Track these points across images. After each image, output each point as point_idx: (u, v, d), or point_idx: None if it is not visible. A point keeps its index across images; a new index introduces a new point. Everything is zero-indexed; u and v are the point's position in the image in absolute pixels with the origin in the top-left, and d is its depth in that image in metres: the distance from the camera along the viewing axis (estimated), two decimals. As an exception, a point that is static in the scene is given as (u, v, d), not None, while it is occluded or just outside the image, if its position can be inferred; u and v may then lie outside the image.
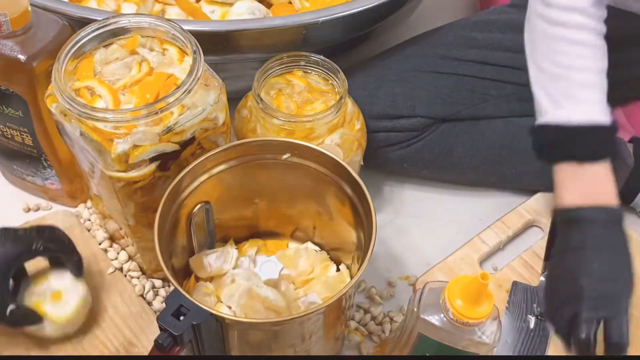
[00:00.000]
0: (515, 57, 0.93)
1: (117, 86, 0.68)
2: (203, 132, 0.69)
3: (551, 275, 0.71)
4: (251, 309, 0.72)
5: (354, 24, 0.87)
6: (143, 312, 0.80)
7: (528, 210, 0.91)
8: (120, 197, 0.69)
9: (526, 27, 0.78)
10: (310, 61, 0.81)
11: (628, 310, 0.65)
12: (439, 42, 0.95)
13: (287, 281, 0.79)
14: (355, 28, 0.88)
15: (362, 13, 0.85)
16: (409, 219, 0.64)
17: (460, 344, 0.63)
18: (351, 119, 0.81)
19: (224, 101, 0.70)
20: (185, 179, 0.69)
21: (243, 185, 0.76)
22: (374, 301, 0.84)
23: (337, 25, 0.85)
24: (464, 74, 0.92)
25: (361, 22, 0.88)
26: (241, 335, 0.65)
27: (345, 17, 0.84)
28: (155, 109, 0.63)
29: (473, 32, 0.95)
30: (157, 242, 0.64)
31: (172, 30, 0.69)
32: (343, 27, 0.86)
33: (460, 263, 0.86)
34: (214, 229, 0.77)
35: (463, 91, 0.92)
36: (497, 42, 0.94)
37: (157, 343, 0.58)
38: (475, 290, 0.58)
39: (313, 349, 0.69)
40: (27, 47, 0.73)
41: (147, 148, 0.65)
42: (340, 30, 0.87)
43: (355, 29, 0.89)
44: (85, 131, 0.65)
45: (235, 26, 0.84)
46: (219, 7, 0.94)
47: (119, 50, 0.70)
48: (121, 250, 0.86)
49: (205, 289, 0.75)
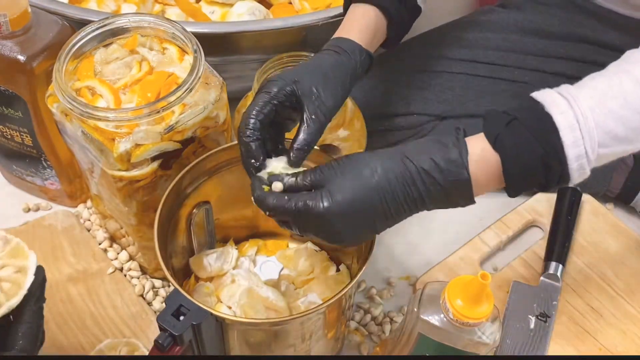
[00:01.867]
0: (507, 55, 0.94)
1: (117, 85, 0.68)
2: (204, 131, 0.69)
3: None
4: (251, 309, 0.72)
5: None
6: (143, 312, 0.80)
7: (528, 210, 0.92)
8: (122, 196, 0.69)
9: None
10: (309, 61, 0.81)
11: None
12: (430, 43, 0.97)
13: (287, 281, 0.79)
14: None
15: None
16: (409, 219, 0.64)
17: (460, 344, 0.63)
18: (351, 118, 0.81)
19: (224, 99, 0.70)
20: (186, 179, 0.69)
21: (243, 185, 0.75)
22: (374, 301, 0.84)
23: (336, 26, 0.85)
24: (457, 71, 0.94)
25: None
26: (241, 335, 0.65)
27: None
28: (156, 108, 0.63)
29: (464, 33, 0.97)
30: (157, 242, 0.64)
31: (172, 29, 0.69)
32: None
33: (460, 263, 0.86)
34: (214, 229, 0.77)
35: (457, 88, 0.93)
36: (487, 41, 0.95)
37: (157, 343, 0.58)
38: (475, 291, 0.58)
39: (313, 349, 0.69)
40: (27, 47, 0.73)
41: (149, 147, 0.65)
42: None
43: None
44: (86, 131, 0.65)
45: (235, 28, 0.84)
46: (219, 8, 0.94)
47: (119, 49, 0.70)
48: (121, 250, 0.86)
49: (205, 289, 0.75)
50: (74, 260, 0.84)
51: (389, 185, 0.57)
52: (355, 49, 0.68)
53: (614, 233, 0.90)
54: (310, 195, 0.58)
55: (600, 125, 0.57)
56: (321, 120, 0.62)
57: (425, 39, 0.98)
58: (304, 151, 0.61)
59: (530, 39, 0.95)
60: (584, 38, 0.94)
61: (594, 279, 0.85)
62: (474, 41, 0.95)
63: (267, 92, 0.62)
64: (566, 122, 0.57)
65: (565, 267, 0.84)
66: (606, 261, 0.87)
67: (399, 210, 0.59)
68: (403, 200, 0.58)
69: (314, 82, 0.63)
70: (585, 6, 0.95)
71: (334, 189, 0.57)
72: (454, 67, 0.94)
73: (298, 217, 0.58)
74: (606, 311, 0.82)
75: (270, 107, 0.61)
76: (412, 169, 0.57)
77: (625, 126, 0.57)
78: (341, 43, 0.68)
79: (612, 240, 0.89)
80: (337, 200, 0.57)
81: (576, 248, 0.88)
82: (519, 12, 0.98)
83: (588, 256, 0.87)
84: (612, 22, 0.93)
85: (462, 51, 0.95)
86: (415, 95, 0.92)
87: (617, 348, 0.79)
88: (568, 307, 0.82)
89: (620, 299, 0.83)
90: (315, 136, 0.62)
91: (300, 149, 0.61)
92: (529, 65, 0.94)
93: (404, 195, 0.58)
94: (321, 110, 0.62)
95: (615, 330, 0.81)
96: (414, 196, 0.58)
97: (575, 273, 0.85)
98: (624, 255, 0.88)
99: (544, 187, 0.60)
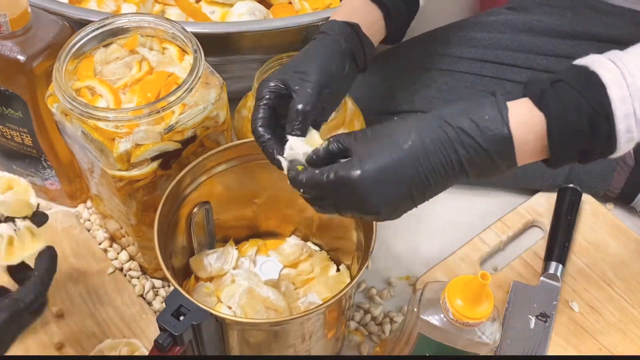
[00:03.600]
0: (515, 55, 0.94)
1: (117, 85, 0.68)
2: (204, 131, 0.69)
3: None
4: (251, 309, 0.72)
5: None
6: (143, 312, 0.80)
7: (528, 210, 0.92)
8: (122, 196, 0.69)
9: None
10: (310, 61, 0.81)
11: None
12: (438, 41, 0.96)
13: (287, 281, 0.79)
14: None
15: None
16: (409, 219, 0.64)
17: (460, 344, 0.63)
18: (351, 118, 0.81)
19: (224, 99, 0.70)
20: (186, 179, 0.69)
21: (243, 185, 0.76)
22: (374, 301, 0.84)
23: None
24: (464, 71, 0.93)
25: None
26: (241, 335, 0.65)
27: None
28: (156, 108, 0.63)
29: (471, 33, 0.96)
30: (157, 242, 0.64)
31: (172, 29, 0.69)
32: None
33: (460, 263, 0.86)
34: (214, 229, 0.77)
35: (463, 87, 0.93)
36: (495, 41, 0.94)
37: (157, 343, 0.58)
38: (475, 290, 0.58)
39: (313, 349, 0.69)
40: (27, 47, 0.73)
41: (149, 147, 0.65)
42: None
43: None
44: (86, 131, 0.65)
45: (235, 28, 0.84)
46: (219, 8, 0.94)
47: (119, 49, 0.70)
48: (121, 250, 0.86)
49: (205, 289, 0.75)
50: (74, 260, 0.84)
51: (424, 150, 0.54)
52: (335, 25, 0.68)
53: (614, 233, 0.90)
54: (341, 164, 0.55)
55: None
56: (306, 90, 0.62)
57: (431, 37, 0.98)
58: (299, 121, 0.60)
59: (541, 39, 0.94)
60: (596, 36, 0.93)
61: (594, 279, 0.85)
62: (482, 40, 0.95)
63: (258, 98, 0.63)
64: (613, 79, 0.54)
65: (565, 267, 0.84)
66: (606, 261, 0.87)
67: (437, 177, 0.55)
68: (440, 165, 0.54)
69: (294, 67, 0.64)
70: (596, 6, 0.95)
71: (364, 156, 0.54)
72: (460, 66, 0.93)
73: (331, 190, 0.55)
74: (606, 311, 0.82)
75: (265, 110, 0.62)
76: (449, 130, 0.54)
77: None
78: (322, 28, 0.69)
79: (612, 240, 0.89)
80: (368, 168, 0.54)
81: (576, 248, 0.88)
82: (527, 14, 0.97)
83: (588, 256, 0.87)
84: (624, 18, 0.93)
85: (470, 50, 0.94)
86: (421, 93, 0.92)
87: (617, 348, 0.79)
88: (568, 307, 0.82)
89: (620, 299, 0.83)
90: (305, 102, 0.61)
91: (294, 119, 0.61)
92: (539, 66, 0.94)
93: (441, 160, 0.54)
94: (305, 82, 0.62)
95: (615, 330, 0.81)
96: (452, 160, 0.54)
97: (575, 273, 0.85)
98: (624, 255, 0.88)
99: (588, 155, 0.57)
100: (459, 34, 0.96)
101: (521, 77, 0.93)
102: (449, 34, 0.97)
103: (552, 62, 0.94)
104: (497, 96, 0.56)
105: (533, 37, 0.95)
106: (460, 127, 0.54)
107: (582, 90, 0.55)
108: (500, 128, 0.54)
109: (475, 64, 0.93)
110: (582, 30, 0.94)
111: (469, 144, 0.54)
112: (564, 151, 0.56)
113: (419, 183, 0.55)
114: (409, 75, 0.93)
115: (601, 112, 0.54)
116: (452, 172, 0.55)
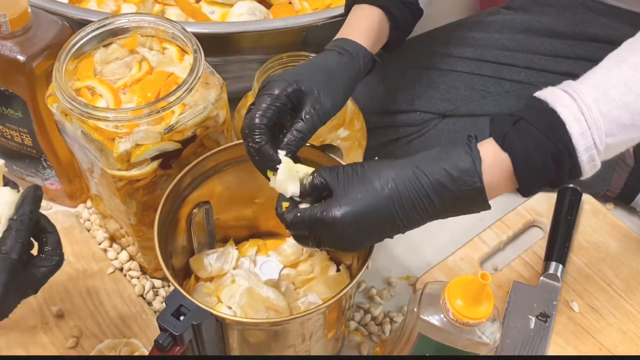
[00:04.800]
0: (513, 55, 0.94)
1: (117, 85, 0.68)
2: (204, 130, 0.69)
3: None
4: (251, 309, 0.72)
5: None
6: (143, 312, 0.80)
7: (528, 210, 0.92)
8: (122, 196, 0.69)
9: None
10: (310, 61, 0.80)
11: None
12: (437, 41, 0.96)
13: (287, 281, 0.79)
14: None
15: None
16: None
17: (460, 344, 0.63)
18: (351, 118, 0.81)
19: (224, 99, 0.70)
20: (186, 179, 0.69)
21: (243, 185, 0.76)
22: (374, 301, 0.84)
23: (336, 27, 0.85)
24: (462, 70, 0.94)
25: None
26: (241, 335, 0.65)
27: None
28: (156, 108, 0.63)
29: (470, 33, 0.96)
30: (157, 242, 0.64)
31: (172, 29, 0.69)
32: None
33: (460, 263, 0.86)
34: (214, 229, 0.77)
35: (461, 87, 0.93)
36: (494, 41, 0.95)
37: (157, 343, 0.58)
38: (475, 291, 0.58)
39: (313, 349, 0.69)
40: (27, 47, 0.73)
41: (149, 147, 0.65)
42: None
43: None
44: (86, 131, 0.65)
45: (235, 28, 0.84)
46: (219, 8, 0.94)
47: (119, 49, 0.70)
48: (121, 250, 0.86)
49: (205, 289, 0.75)
50: (74, 260, 0.84)
51: (400, 198, 0.57)
52: (360, 51, 0.68)
53: (614, 233, 0.90)
54: (322, 206, 0.57)
55: (605, 115, 0.57)
56: (315, 121, 0.62)
57: (431, 38, 0.98)
58: (292, 147, 0.61)
59: (538, 39, 0.95)
60: (593, 37, 0.94)
61: (594, 279, 0.85)
62: (480, 40, 0.95)
63: (269, 95, 0.61)
64: (571, 114, 0.56)
65: (565, 267, 0.84)
66: (606, 261, 0.87)
67: (410, 221, 0.58)
68: (415, 211, 0.57)
69: (315, 83, 0.63)
70: (593, 6, 0.95)
71: (342, 199, 0.57)
72: (459, 66, 0.94)
73: (312, 229, 0.58)
74: (606, 311, 0.82)
75: (274, 110, 0.60)
76: (424, 180, 0.57)
77: (631, 112, 0.57)
78: (345, 44, 0.68)
79: (612, 240, 0.89)
80: (348, 212, 0.56)
81: (576, 248, 0.88)
82: (525, 14, 0.97)
83: (588, 256, 0.87)
84: (622, 19, 0.93)
85: (469, 50, 0.95)
86: (420, 93, 0.92)
87: (617, 348, 0.80)
88: (568, 307, 0.82)
89: (620, 299, 0.83)
90: (306, 134, 0.62)
91: (289, 144, 0.61)
92: (537, 66, 0.94)
93: (416, 207, 0.57)
94: (317, 111, 0.62)
95: (615, 330, 0.81)
96: (426, 207, 0.57)
97: (575, 273, 0.85)
98: (624, 255, 0.88)
99: (556, 184, 0.59)
100: (458, 33, 0.97)
101: (519, 77, 0.94)
102: (448, 34, 0.97)
103: (549, 62, 0.94)
104: (471, 145, 0.58)
105: (531, 37, 0.95)
106: (434, 177, 0.57)
107: (543, 128, 0.57)
108: (473, 179, 0.57)
109: (473, 64, 0.94)
110: (580, 31, 0.95)
111: (444, 194, 0.57)
112: (532, 185, 0.59)
113: (395, 226, 0.58)
114: (409, 75, 0.93)
115: (563, 148, 0.57)
116: (426, 215, 0.58)
